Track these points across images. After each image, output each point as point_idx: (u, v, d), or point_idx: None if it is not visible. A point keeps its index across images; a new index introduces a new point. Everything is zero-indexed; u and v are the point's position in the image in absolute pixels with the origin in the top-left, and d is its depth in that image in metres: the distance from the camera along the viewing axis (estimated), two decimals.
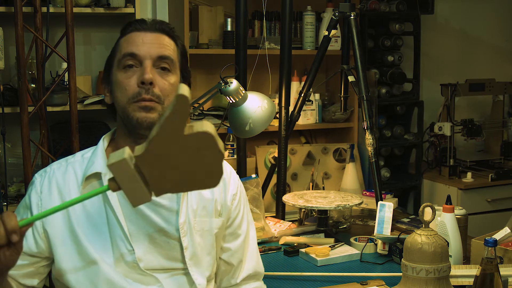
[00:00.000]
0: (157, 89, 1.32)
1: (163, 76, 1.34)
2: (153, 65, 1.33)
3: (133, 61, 1.33)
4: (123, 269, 1.32)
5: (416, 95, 3.40)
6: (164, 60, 1.34)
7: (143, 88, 1.30)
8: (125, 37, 1.36)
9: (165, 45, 1.35)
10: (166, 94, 1.33)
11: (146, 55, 1.32)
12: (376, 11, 3.27)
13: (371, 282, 1.71)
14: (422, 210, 1.56)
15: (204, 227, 1.39)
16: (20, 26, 2.22)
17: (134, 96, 1.31)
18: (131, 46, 1.33)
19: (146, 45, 1.33)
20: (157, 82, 1.32)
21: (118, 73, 1.34)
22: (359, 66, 2.31)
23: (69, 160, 1.40)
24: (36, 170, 2.39)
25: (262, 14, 2.95)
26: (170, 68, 1.35)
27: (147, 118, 1.30)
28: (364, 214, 2.54)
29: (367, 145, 2.27)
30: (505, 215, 3.09)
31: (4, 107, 2.30)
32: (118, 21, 2.75)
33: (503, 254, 1.72)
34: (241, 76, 2.27)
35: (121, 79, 1.33)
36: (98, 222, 1.33)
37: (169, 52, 1.35)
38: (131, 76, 1.32)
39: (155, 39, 1.35)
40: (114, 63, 1.36)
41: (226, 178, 1.47)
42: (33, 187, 1.37)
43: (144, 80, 1.30)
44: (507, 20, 3.94)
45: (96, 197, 1.33)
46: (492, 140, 3.68)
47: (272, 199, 2.73)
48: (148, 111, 1.31)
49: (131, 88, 1.31)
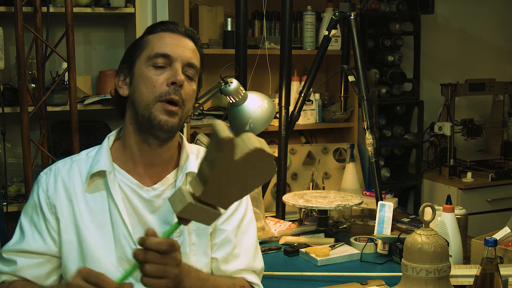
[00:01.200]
0: (184, 93, 1.34)
1: (188, 81, 1.36)
2: (182, 69, 1.35)
3: (164, 61, 1.34)
4: (126, 267, 1.32)
5: (416, 95, 3.40)
6: (192, 67, 1.37)
7: (172, 88, 1.32)
8: (156, 35, 1.37)
9: (194, 52, 1.39)
10: (188, 99, 1.36)
11: (178, 58, 1.34)
12: (376, 11, 3.27)
13: (371, 282, 1.71)
14: (422, 210, 1.56)
15: (200, 225, 1.39)
16: (20, 26, 2.22)
17: (162, 95, 1.32)
18: (165, 46, 1.35)
19: (179, 48, 1.35)
20: (185, 85, 1.34)
21: (146, 69, 1.34)
22: (359, 66, 2.31)
23: (74, 158, 1.41)
24: (36, 170, 2.39)
25: (262, 14, 2.95)
26: (194, 77, 1.38)
27: (169, 122, 1.32)
28: (364, 214, 2.54)
29: (367, 145, 2.27)
30: (505, 215, 3.09)
31: (4, 107, 2.30)
32: (118, 21, 2.75)
33: (503, 254, 1.72)
34: (241, 76, 2.27)
35: (150, 75, 1.33)
36: (101, 220, 1.33)
37: (196, 61, 1.39)
38: (160, 74, 1.33)
39: (186, 44, 1.38)
40: (141, 58, 1.36)
41: None
42: (39, 185, 1.38)
43: (176, 81, 1.32)
44: (507, 20, 3.94)
45: (100, 195, 1.35)
46: (492, 140, 3.68)
47: (272, 199, 2.73)
48: (172, 115, 1.32)
49: (160, 86, 1.32)
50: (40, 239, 1.34)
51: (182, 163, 1.42)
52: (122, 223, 1.33)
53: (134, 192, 1.37)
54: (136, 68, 1.36)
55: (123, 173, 1.37)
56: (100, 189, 1.36)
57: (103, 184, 1.36)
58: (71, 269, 1.32)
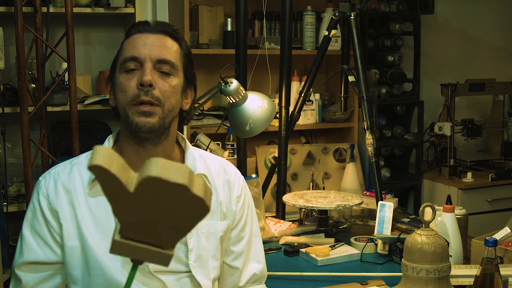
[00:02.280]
0: (157, 91, 1.30)
1: (164, 78, 1.32)
2: (154, 67, 1.31)
3: (134, 64, 1.32)
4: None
5: (416, 95, 3.40)
6: (165, 63, 1.32)
7: (142, 90, 1.29)
8: (128, 40, 1.36)
9: (167, 47, 1.34)
10: (166, 96, 1.31)
11: (146, 57, 1.31)
12: (376, 11, 3.27)
13: (371, 282, 1.71)
14: (422, 210, 1.56)
15: (210, 229, 1.39)
16: (20, 26, 2.22)
17: (133, 98, 1.29)
18: (132, 49, 1.32)
19: (147, 47, 1.32)
20: (157, 84, 1.31)
21: (120, 76, 1.33)
22: (359, 66, 2.31)
23: (73, 162, 1.39)
24: (36, 170, 2.39)
25: (262, 14, 2.95)
26: (171, 72, 1.33)
27: (147, 122, 1.30)
28: (364, 214, 2.54)
29: (367, 145, 2.27)
30: (505, 215, 3.09)
31: (4, 107, 2.30)
32: (118, 21, 2.75)
33: (503, 254, 1.72)
34: (241, 76, 2.27)
35: (122, 81, 1.32)
36: (105, 225, 1.31)
37: (170, 55, 1.33)
38: (131, 78, 1.31)
39: (157, 41, 1.33)
40: (117, 66, 1.36)
41: (231, 180, 1.46)
42: (39, 189, 1.35)
43: (143, 82, 1.28)
44: (507, 20, 3.94)
45: (102, 199, 1.32)
46: (492, 140, 3.68)
47: (272, 199, 2.73)
48: (148, 115, 1.29)
49: (130, 90, 1.30)
50: (45, 246, 1.31)
51: (189, 165, 1.40)
52: None
53: None
54: (115, 77, 1.36)
55: None
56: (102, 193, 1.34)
57: None
58: (75, 276, 1.31)
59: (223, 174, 1.45)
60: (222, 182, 1.44)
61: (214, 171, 1.45)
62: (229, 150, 2.64)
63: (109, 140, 1.41)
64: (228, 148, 2.66)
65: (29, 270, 1.31)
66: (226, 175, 1.46)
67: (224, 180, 1.45)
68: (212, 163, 1.46)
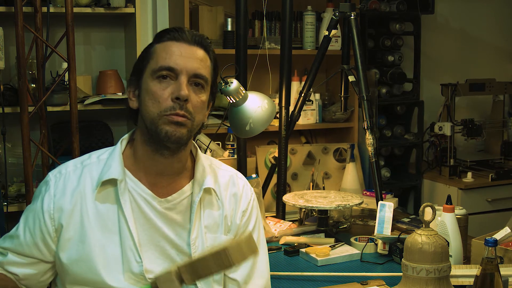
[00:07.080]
0: (190, 106, 1.30)
1: (197, 92, 1.33)
2: (188, 80, 1.31)
3: (168, 73, 1.31)
4: (130, 280, 1.31)
5: (416, 95, 3.40)
6: (199, 78, 1.32)
7: (177, 104, 1.29)
8: (161, 45, 1.34)
9: (202, 61, 1.34)
10: (197, 112, 1.32)
11: (182, 69, 1.30)
12: (376, 11, 3.27)
13: (371, 282, 1.71)
14: (422, 210, 1.56)
15: (214, 243, 1.38)
16: (20, 26, 2.22)
17: (167, 109, 1.29)
18: (169, 58, 1.31)
19: (184, 59, 1.31)
20: (191, 98, 1.31)
21: (151, 83, 1.31)
22: (359, 66, 2.31)
23: (84, 163, 1.37)
24: (36, 170, 2.39)
25: (262, 14, 2.95)
26: (204, 87, 1.34)
27: (177, 132, 1.29)
28: (364, 214, 2.54)
29: (367, 145, 2.27)
30: (505, 215, 3.09)
31: (4, 107, 2.30)
32: (118, 21, 2.75)
33: (503, 254, 1.72)
34: (241, 76, 2.27)
35: (155, 90, 1.30)
36: (111, 230, 1.31)
37: (205, 70, 1.34)
38: (165, 88, 1.30)
39: (193, 53, 1.33)
40: (147, 70, 1.33)
41: (238, 193, 1.45)
42: (47, 188, 1.34)
43: (180, 97, 1.28)
44: (507, 20, 3.94)
45: (110, 206, 1.32)
46: (492, 140, 3.68)
47: (272, 199, 2.73)
48: (179, 126, 1.29)
49: (164, 101, 1.29)
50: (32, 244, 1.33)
51: (199, 176, 1.40)
52: (129, 235, 1.31)
53: (147, 202, 1.34)
54: (143, 81, 1.33)
55: (136, 182, 1.34)
56: (110, 198, 1.33)
57: (114, 193, 1.33)
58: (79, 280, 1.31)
59: (231, 187, 1.45)
60: (229, 195, 1.44)
61: (222, 182, 1.44)
62: (229, 150, 2.64)
63: (122, 142, 1.40)
64: (228, 148, 2.66)
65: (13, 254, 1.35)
66: (234, 188, 1.45)
67: (231, 194, 1.44)
68: (222, 174, 1.45)
